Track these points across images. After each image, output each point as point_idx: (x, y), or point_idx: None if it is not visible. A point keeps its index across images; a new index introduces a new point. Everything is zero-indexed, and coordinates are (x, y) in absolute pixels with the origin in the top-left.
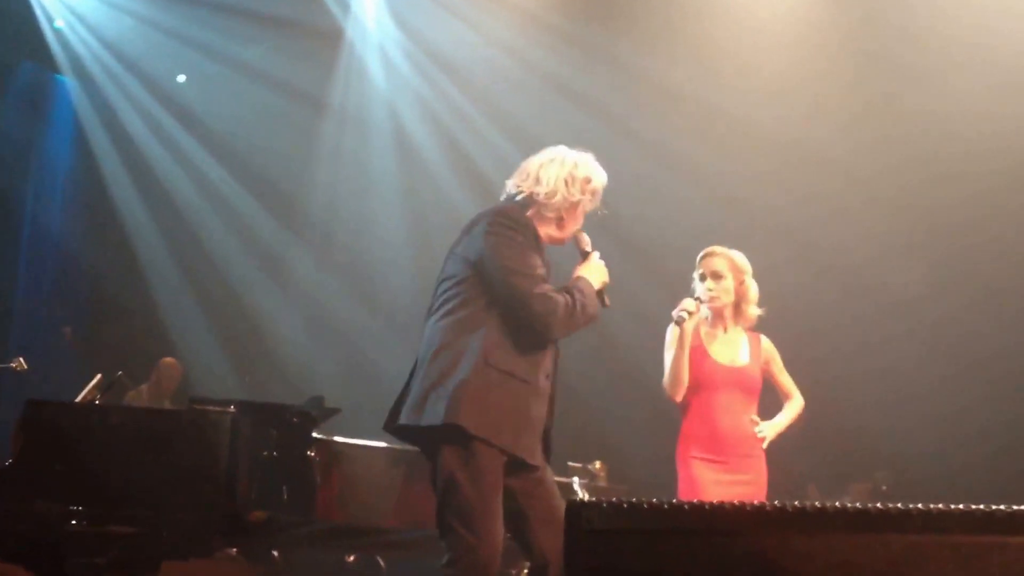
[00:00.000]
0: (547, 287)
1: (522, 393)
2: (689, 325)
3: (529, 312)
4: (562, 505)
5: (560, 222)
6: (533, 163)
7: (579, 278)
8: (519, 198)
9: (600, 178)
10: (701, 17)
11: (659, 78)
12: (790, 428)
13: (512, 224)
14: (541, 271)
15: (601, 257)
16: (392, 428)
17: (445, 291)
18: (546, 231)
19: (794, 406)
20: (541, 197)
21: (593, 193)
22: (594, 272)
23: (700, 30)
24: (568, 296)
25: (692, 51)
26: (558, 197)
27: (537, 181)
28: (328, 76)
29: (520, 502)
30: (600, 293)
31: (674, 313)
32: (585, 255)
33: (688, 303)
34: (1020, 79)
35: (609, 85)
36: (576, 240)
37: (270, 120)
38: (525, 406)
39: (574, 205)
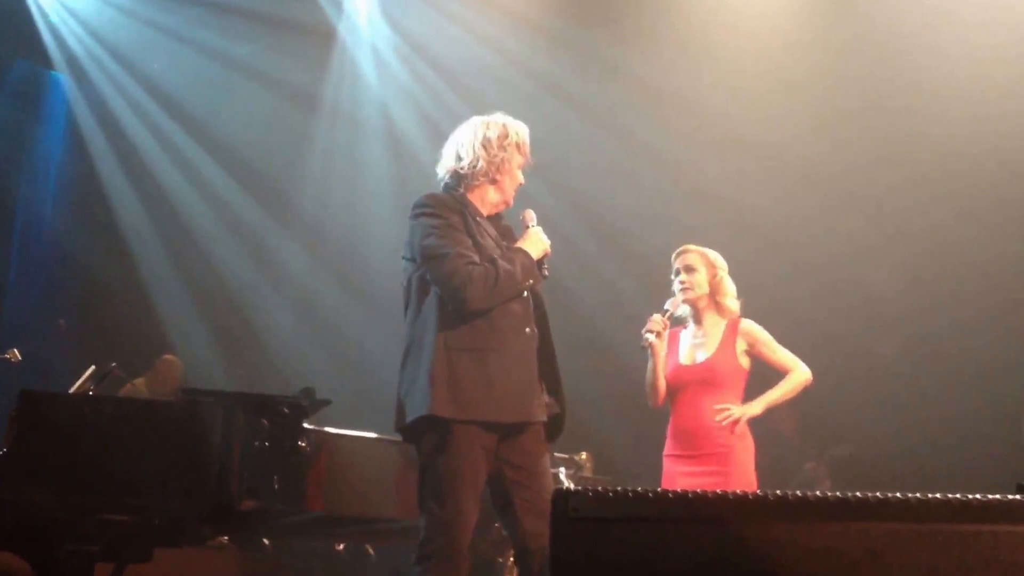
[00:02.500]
0: (460, 261)
1: (492, 361)
2: (659, 344)
3: (445, 288)
4: None
5: (496, 184)
6: (450, 143)
7: (515, 249)
8: (448, 180)
9: (516, 130)
10: (686, 18)
11: (646, 79)
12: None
13: (426, 209)
14: (461, 247)
15: (592, 255)
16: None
17: (405, 292)
18: (485, 198)
19: (789, 379)
20: (465, 169)
21: (516, 146)
22: (531, 243)
23: (685, 31)
24: (490, 266)
25: (677, 51)
26: (481, 163)
27: (458, 157)
28: (321, 74)
29: (508, 489)
30: (539, 263)
31: (643, 333)
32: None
33: (655, 321)
34: (992, 82)
35: (595, 84)
36: (522, 217)
37: (264, 117)
38: (499, 373)
39: (500, 164)
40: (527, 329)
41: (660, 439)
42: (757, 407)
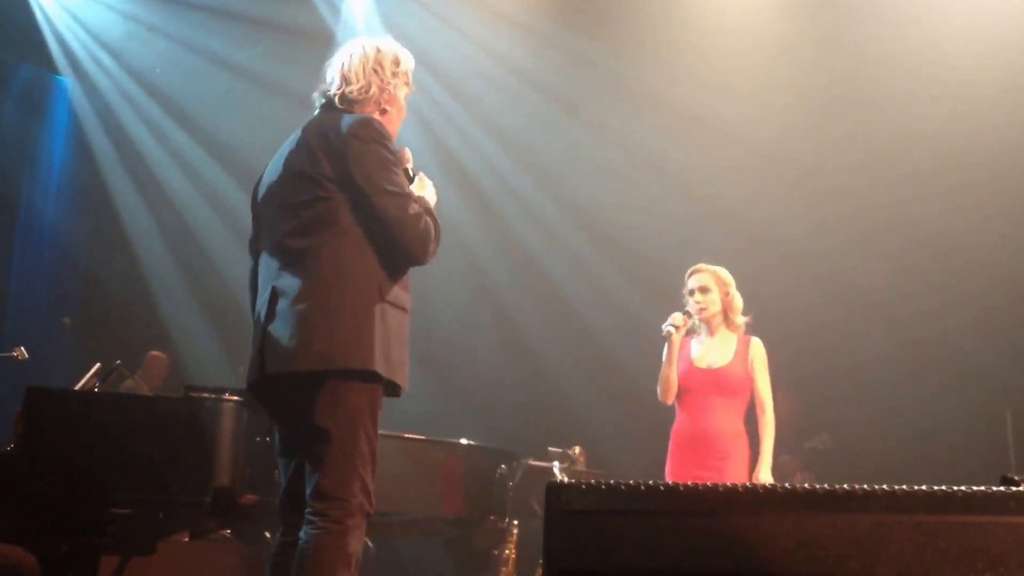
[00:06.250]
0: (417, 207)
1: (406, 325)
2: (677, 337)
3: (405, 235)
4: None
5: (385, 115)
6: (333, 67)
7: (420, 198)
8: (336, 103)
9: (407, 57)
10: (678, 22)
11: (638, 82)
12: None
13: (378, 136)
14: (409, 188)
15: (584, 255)
16: (267, 376)
17: (308, 215)
18: None
19: (768, 429)
20: (355, 94)
21: (405, 75)
22: (429, 193)
23: (677, 34)
24: (430, 218)
25: (669, 55)
26: (373, 89)
27: (345, 81)
28: (319, 78)
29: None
30: None
31: (663, 327)
32: (413, 174)
33: (676, 317)
34: (977, 78)
35: (590, 88)
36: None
37: (263, 119)
38: (404, 337)
39: (392, 92)
40: None
41: (652, 434)
42: (768, 472)
